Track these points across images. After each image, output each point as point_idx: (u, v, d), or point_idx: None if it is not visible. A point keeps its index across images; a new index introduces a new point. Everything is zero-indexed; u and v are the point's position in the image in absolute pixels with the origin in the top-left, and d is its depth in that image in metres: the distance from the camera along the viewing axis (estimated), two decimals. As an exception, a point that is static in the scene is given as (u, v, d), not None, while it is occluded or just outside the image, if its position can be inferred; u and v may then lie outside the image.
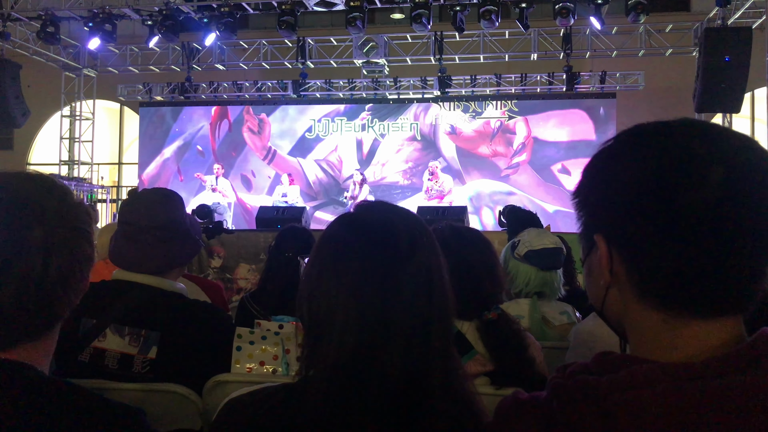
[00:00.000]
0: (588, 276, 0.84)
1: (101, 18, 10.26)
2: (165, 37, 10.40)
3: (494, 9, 9.16)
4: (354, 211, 1.03)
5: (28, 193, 0.98)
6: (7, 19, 10.89)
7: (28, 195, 0.97)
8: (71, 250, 0.98)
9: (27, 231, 0.94)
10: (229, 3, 10.00)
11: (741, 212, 0.70)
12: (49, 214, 0.97)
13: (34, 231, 0.94)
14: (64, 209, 0.99)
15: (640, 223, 0.73)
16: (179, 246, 1.89)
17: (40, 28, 10.57)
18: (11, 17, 10.96)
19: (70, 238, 0.98)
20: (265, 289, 2.79)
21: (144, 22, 10.61)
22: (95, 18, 10.29)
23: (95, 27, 10.29)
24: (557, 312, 2.43)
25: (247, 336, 1.74)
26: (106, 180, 16.32)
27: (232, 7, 10.00)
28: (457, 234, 1.82)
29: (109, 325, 1.68)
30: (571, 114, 12.28)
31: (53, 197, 0.99)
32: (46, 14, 10.46)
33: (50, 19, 10.47)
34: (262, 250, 7.33)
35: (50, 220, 0.96)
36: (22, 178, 0.99)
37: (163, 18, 10.16)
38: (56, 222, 0.97)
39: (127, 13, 10.54)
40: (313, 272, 0.98)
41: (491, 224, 11.92)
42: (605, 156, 0.81)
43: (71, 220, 0.99)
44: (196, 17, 10.51)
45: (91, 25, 10.33)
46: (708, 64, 9.23)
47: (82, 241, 1.00)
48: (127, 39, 13.04)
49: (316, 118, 13.05)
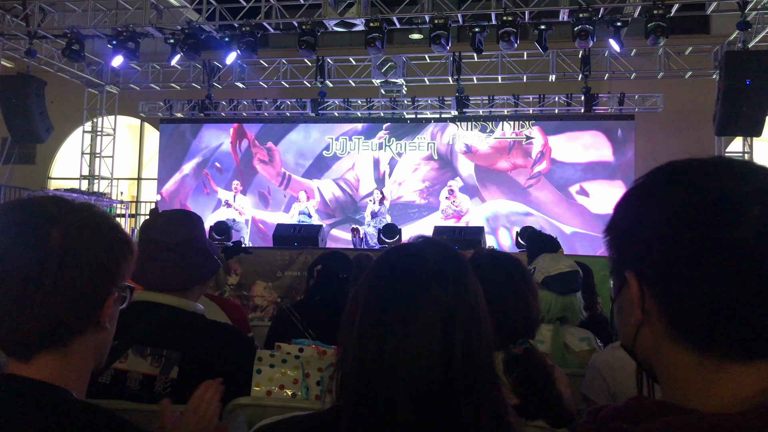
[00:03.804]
0: (619, 314, 0.83)
1: (125, 36, 10.43)
2: (186, 55, 10.55)
3: (513, 31, 9.19)
4: (397, 245, 1.07)
5: (48, 200, 1.01)
6: (33, 36, 11.11)
7: (46, 201, 1.00)
8: (86, 257, 0.97)
9: (43, 232, 0.94)
10: (251, 23, 10.14)
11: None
12: (66, 218, 0.98)
13: (51, 233, 0.95)
14: (82, 216, 1.00)
15: (673, 261, 0.72)
16: (200, 264, 1.90)
17: (66, 46, 10.77)
18: (38, 35, 11.18)
19: (88, 243, 0.98)
20: (312, 300, 3.04)
21: (166, 41, 10.78)
22: (119, 36, 10.46)
23: (119, 45, 10.47)
24: (577, 338, 2.41)
25: (267, 359, 1.74)
26: (126, 195, 16.50)
27: (253, 26, 10.13)
28: (494, 261, 1.80)
29: (131, 347, 1.68)
30: (589, 135, 12.25)
31: (72, 205, 1.01)
32: (71, 32, 10.66)
33: (75, 37, 10.66)
34: (278, 268, 7.36)
35: (67, 224, 0.97)
36: (47, 195, 1.01)
37: (186, 37, 10.31)
38: (73, 227, 0.97)
39: (150, 31, 10.72)
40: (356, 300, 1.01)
41: (508, 245, 11.87)
42: (638, 192, 0.80)
43: (90, 228, 0.99)
44: (217, 36, 10.66)
45: (114, 43, 10.51)
46: (729, 88, 9.17)
47: (98, 250, 1.00)
48: (149, 56, 13.25)
49: (334, 136, 13.13)
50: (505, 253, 1.92)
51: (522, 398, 1.62)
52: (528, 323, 1.77)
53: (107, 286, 1.00)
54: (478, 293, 1.01)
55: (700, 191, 0.73)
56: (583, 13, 9.08)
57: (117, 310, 1.06)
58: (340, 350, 1.00)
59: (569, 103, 12.55)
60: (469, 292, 0.99)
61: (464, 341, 0.95)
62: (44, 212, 0.98)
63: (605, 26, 9.57)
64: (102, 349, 1.06)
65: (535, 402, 1.62)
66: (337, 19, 9.66)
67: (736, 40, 10.34)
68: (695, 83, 12.33)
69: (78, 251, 0.96)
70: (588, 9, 9.13)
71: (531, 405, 1.61)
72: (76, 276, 0.96)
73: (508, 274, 1.77)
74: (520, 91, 12.77)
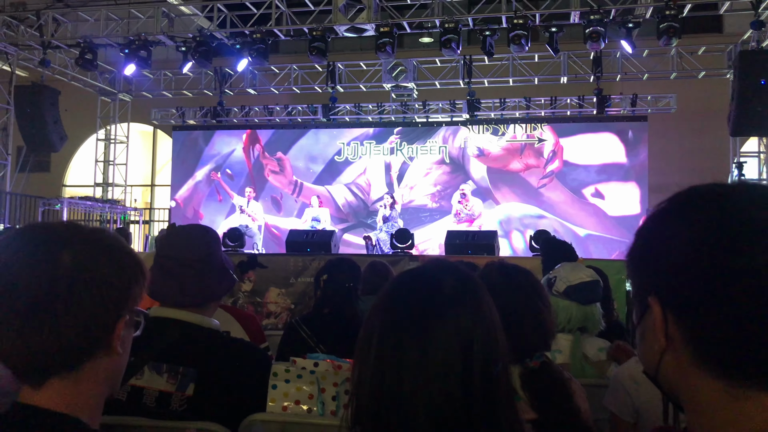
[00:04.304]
0: (641, 340, 0.81)
1: (137, 45, 10.51)
2: (198, 62, 10.61)
3: (524, 34, 9.16)
4: (410, 269, 1.06)
5: (58, 224, 1.02)
6: (47, 46, 11.23)
7: (57, 225, 1.02)
8: (97, 279, 0.97)
9: (54, 255, 0.95)
10: (261, 30, 10.18)
11: None
12: (77, 239, 0.98)
13: (61, 256, 0.95)
14: (93, 239, 1.00)
15: (697, 287, 0.71)
16: (217, 280, 1.91)
17: (79, 55, 10.87)
18: (51, 45, 11.30)
19: (99, 265, 0.98)
20: (320, 313, 2.95)
21: (178, 48, 10.85)
22: (131, 45, 10.55)
23: (131, 53, 10.56)
24: (595, 348, 2.39)
25: (282, 374, 1.74)
26: (139, 202, 16.61)
27: (264, 33, 10.17)
28: (505, 275, 1.79)
29: (147, 363, 1.69)
30: (602, 137, 12.17)
31: (83, 229, 1.02)
32: (84, 42, 10.76)
33: (88, 47, 10.76)
34: (291, 275, 7.36)
35: (77, 247, 0.97)
36: (58, 220, 1.02)
37: (197, 44, 10.38)
38: (83, 250, 0.97)
39: (161, 39, 10.79)
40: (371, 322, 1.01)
41: (521, 248, 11.82)
42: (660, 218, 0.79)
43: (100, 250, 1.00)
44: (228, 43, 10.72)
45: (127, 51, 10.60)
46: (743, 87, 9.09)
47: (109, 272, 0.99)
48: (161, 64, 13.34)
49: (345, 141, 13.15)
50: (515, 266, 1.89)
51: (540, 413, 1.61)
52: (543, 336, 1.75)
53: (118, 309, 1.00)
54: (494, 315, 1.00)
55: (723, 218, 0.72)
56: (594, 15, 9.04)
57: (130, 335, 1.05)
58: (354, 375, 0.99)
59: (581, 104, 12.49)
60: (485, 315, 0.98)
61: (483, 365, 0.94)
62: (55, 235, 0.98)
63: (617, 27, 9.52)
64: (115, 375, 1.05)
65: (553, 416, 1.60)
66: (348, 25, 9.68)
67: (749, 40, 10.25)
68: (709, 83, 12.22)
69: (88, 273, 0.96)
70: (599, 11, 9.08)
71: (549, 419, 1.60)
72: (87, 298, 0.96)
73: (521, 288, 1.75)
74: (532, 93, 12.72)
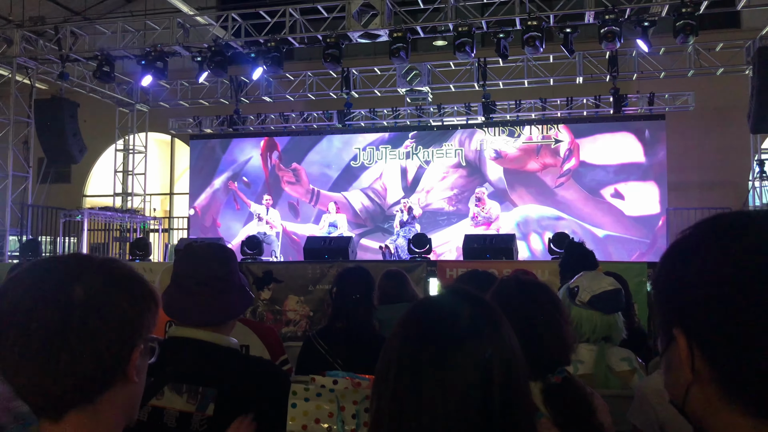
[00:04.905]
0: (667, 371, 0.80)
1: (153, 56, 10.62)
2: (214, 72, 10.70)
3: (538, 35, 9.11)
4: (426, 299, 1.05)
5: (69, 257, 1.03)
6: (66, 60, 11.39)
7: (67, 259, 1.02)
8: (110, 310, 0.97)
9: (66, 289, 0.95)
10: (276, 38, 10.23)
11: None
12: (88, 272, 0.98)
13: (74, 289, 0.96)
14: (104, 270, 1.00)
15: (724, 322, 0.69)
16: (234, 298, 1.91)
17: (97, 68, 11.02)
18: (70, 58, 11.46)
19: (111, 296, 0.98)
20: (334, 327, 2.95)
21: (194, 58, 10.95)
22: (147, 56, 10.67)
23: (148, 64, 10.67)
24: (618, 358, 2.35)
25: (302, 393, 1.73)
26: (158, 210, 16.76)
27: (278, 41, 10.23)
28: (523, 290, 1.77)
29: (167, 383, 1.69)
30: (620, 137, 12.06)
31: (93, 260, 1.02)
32: (102, 54, 10.91)
33: (106, 59, 10.90)
34: (310, 282, 7.38)
35: (89, 279, 0.97)
36: (68, 253, 1.03)
37: (212, 54, 10.46)
38: (95, 282, 0.98)
39: (177, 50, 10.90)
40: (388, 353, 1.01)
41: (540, 250, 11.74)
42: (684, 247, 0.77)
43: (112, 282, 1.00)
44: (243, 52, 10.79)
45: (143, 62, 10.72)
46: (762, 84, 8.97)
47: (122, 303, 0.99)
48: (178, 74, 13.47)
49: (361, 146, 13.17)
50: (531, 281, 1.87)
51: (563, 429, 1.59)
52: (564, 350, 1.73)
53: (133, 339, 1.00)
54: (514, 342, 0.99)
55: (748, 245, 0.70)
56: (609, 15, 8.96)
57: (145, 362, 1.05)
58: (373, 406, 0.98)
59: (598, 104, 12.39)
60: (504, 343, 0.97)
61: (503, 393, 0.93)
62: (66, 269, 0.99)
63: (632, 26, 9.43)
64: (132, 403, 1.05)
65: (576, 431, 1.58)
66: (361, 31, 9.69)
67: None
68: (727, 80, 12.06)
69: (101, 305, 0.97)
70: (614, 10, 9.01)
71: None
72: (101, 331, 0.96)
73: (538, 303, 1.73)
74: (548, 94, 12.64)
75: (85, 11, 14.82)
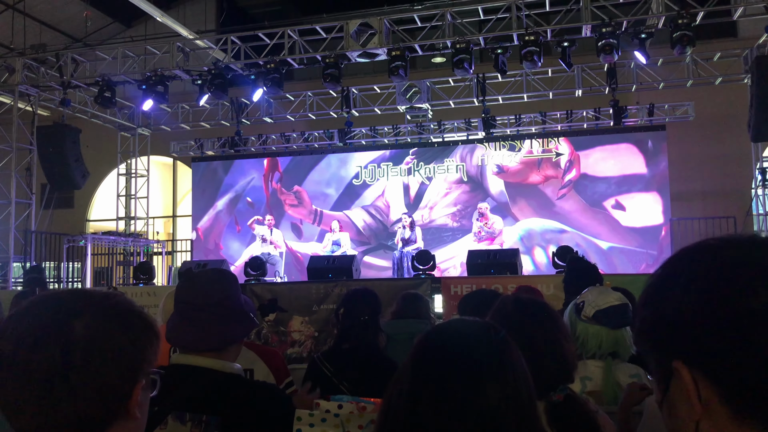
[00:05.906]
0: (670, 416, 0.76)
1: (154, 80, 10.70)
2: (214, 94, 10.76)
3: (536, 50, 9.15)
4: (435, 333, 1.03)
5: (68, 293, 1.01)
6: (67, 86, 11.47)
7: (66, 295, 1.01)
8: (111, 347, 0.96)
9: (66, 326, 0.94)
10: (275, 59, 10.30)
11: None
12: (88, 308, 0.97)
13: (74, 326, 0.94)
14: (104, 306, 0.99)
15: (721, 336, 0.67)
16: (236, 323, 1.90)
17: (98, 94, 11.10)
18: (71, 85, 11.54)
19: (112, 332, 0.97)
20: (339, 349, 2.92)
21: (194, 82, 11.01)
22: (148, 80, 10.74)
23: (148, 89, 10.75)
24: (627, 375, 2.32)
25: (306, 419, 1.71)
26: (161, 233, 16.76)
27: (278, 63, 10.29)
28: (521, 308, 1.76)
29: (170, 412, 1.67)
30: (621, 148, 12.07)
31: (93, 296, 1.01)
32: (103, 80, 10.98)
33: (106, 84, 10.98)
34: (314, 302, 7.35)
35: (89, 316, 0.96)
36: (67, 289, 1.02)
37: (213, 77, 10.53)
38: (96, 318, 0.96)
39: (178, 74, 10.97)
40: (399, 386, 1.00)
41: (544, 263, 11.70)
42: (664, 280, 0.75)
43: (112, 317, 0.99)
44: (243, 74, 10.86)
45: (144, 87, 10.79)
46: (762, 92, 8.98)
47: (122, 339, 0.98)
48: (179, 97, 13.55)
49: (362, 164, 13.20)
50: (530, 299, 1.86)
51: None
52: (566, 368, 1.71)
53: (134, 375, 0.99)
54: (524, 369, 0.97)
55: (730, 263, 0.70)
56: (606, 28, 9.01)
57: (147, 397, 1.04)
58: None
59: (598, 117, 12.42)
60: (518, 373, 0.96)
61: (516, 426, 0.92)
62: (66, 306, 0.98)
63: (629, 39, 9.47)
64: None
65: None
66: (360, 51, 9.75)
67: (765, 43, 10.13)
68: (726, 89, 12.08)
69: (102, 342, 0.96)
70: (611, 23, 9.05)
71: None
72: (102, 367, 0.95)
73: (538, 322, 1.71)
74: (547, 108, 12.67)
75: (85, 38, 14.96)
